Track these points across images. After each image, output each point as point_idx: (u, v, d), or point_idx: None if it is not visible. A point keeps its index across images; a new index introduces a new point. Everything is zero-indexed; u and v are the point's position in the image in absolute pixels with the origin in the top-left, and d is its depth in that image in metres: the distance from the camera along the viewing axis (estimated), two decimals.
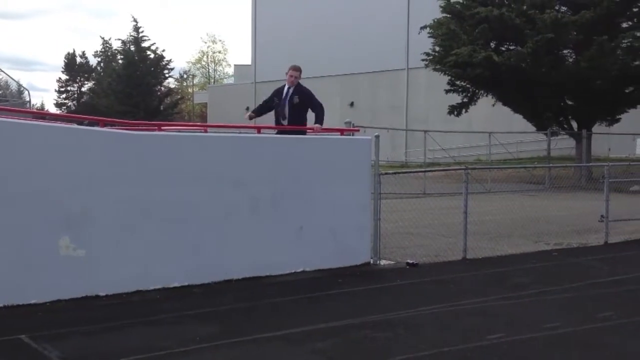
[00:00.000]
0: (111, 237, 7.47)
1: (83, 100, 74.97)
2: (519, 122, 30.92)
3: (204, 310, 7.03)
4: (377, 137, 9.70)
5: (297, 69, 9.80)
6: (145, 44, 56.51)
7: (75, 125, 7.84)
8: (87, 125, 8.54)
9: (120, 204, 7.50)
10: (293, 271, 8.74)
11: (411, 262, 9.61)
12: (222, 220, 8.22)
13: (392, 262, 9.65)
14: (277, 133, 9.63)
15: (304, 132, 9.56)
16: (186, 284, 7.92)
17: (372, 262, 9.43)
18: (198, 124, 17.27)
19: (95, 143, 7.42)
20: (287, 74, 9.88)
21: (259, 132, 9.10)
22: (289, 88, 9.82)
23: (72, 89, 79.72)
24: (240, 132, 9.81)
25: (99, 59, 75.88)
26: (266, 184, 8.54)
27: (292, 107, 9.75)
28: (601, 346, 6.02)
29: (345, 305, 7.37)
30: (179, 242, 7.91)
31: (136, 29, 56.15)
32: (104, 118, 8.28)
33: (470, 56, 23.78)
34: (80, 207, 7.26)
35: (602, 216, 12.04)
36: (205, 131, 9.64)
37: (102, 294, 7.41)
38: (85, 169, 7.30)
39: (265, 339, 6.10)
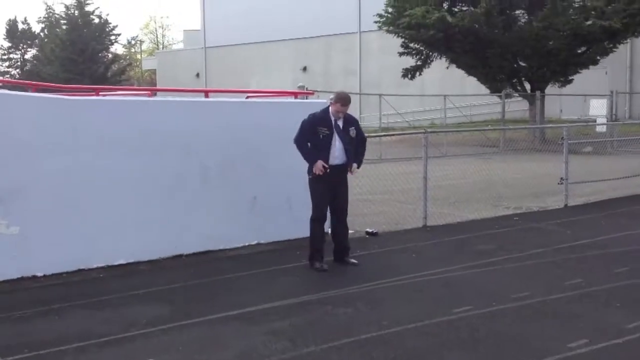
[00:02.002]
0: (48, 212, 6.87)
1: (26, 68, 72.33)
2: (471, 85, 30.75)
3: (151, 289, 6.53)
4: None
5: (347, 103, 7.29)
6: (89, 8, 54.50)
7: (2, 91, 7.14)
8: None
9: (56, 175, 6.89)
10: (247, 244, 8.28)
11: (371, 231, 9.23)
12: (170, 191, 7.68)
13: (351, 231, 9.16)
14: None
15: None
16: (132, 260, 7.38)
17: (330, 231, 9.00)
18: (142, 87, 16.45)
19: (25, 110, 6.75)
20: (333, 104, 7.28)
21: (206, 96, 8.52)
22: (336, 120, 7.31)
23: (14, 56, 76.80)
24: (187, 97, 9.20)
25: (43, 25, 73.17)
26: (216, 151, 8.01)
27: (350, 141, 7.40)
28: (574, 317, 5.73)
29: (303, 280, 6.96)
30: (123, 216, 7.35)
31: None
32: (37, 82, 7.59)
33: (423, 17, 23.33)
34: (9, 179, 6.62)
35: (561, 179, 11.83)
36: (150, 96, 9.01)
37: (39, 274, 6.83)
38: (13, 138, 6.65)
39: (218, 320, 5.64)
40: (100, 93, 7.61)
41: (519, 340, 5.16)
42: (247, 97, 9.46)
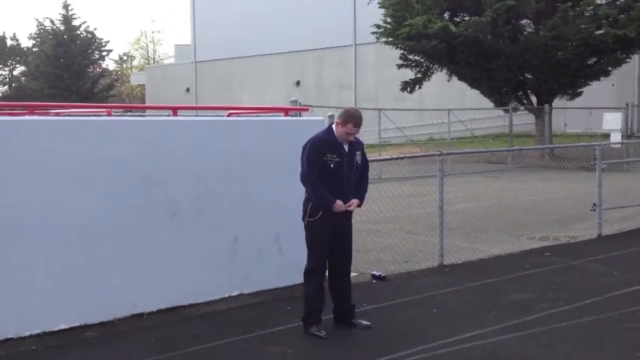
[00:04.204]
0: None
1: (15, 84, 70.78)
2: (472, 98, 29.34)
3: None
4: (332, 117, 7.68)
5: (360, 123, 5.67)
6: (75, 23, 52.95)
7: None
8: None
9: None
10: (226, 296, 6.68)
11: (378, 274, 7.66)
12: (127, 232, 6.08)
13: (355, 274, 7.60)
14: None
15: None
16: (77, 324, 5.78)
17: (327, 284, 7.40)
18: (97, 105, 14.90)
19: None
20: (340, 125, 5.63)
21: (175, 114, 6.96)
22: (342, 144, 5.70)
23: (3, 73, 75.30)
24: (156, 115, 7.65)
25: (34, 42, 71.77)
26: (187, 182, 6.43)
27: (355, 170, 5.81)
28: None
29: (296, 353, 5.33)
30: (66, 266, 5.75)
31: (65, 6, 52.50)
32: None
33: (424, 27, 21.89)
34: None
35: (594, 204, 10.28)
36: (109, 114, 7.45)
37: None
38: None
39: None
40: (35, 111, 6.01)
41: None
42: (229, 115, 7.88)
